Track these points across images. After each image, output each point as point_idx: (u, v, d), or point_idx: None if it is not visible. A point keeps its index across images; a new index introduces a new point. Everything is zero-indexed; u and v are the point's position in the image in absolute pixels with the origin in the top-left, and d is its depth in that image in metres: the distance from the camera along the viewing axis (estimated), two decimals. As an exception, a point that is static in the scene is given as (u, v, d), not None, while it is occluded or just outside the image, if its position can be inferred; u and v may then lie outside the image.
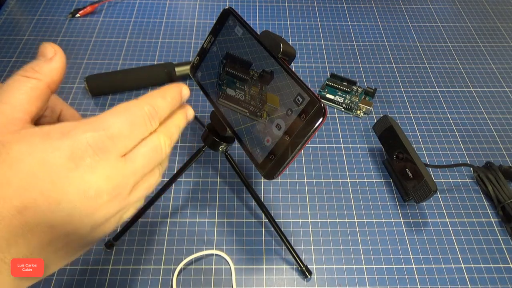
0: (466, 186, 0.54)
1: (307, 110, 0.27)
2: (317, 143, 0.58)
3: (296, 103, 0.28)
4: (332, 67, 0.69)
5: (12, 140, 0.21)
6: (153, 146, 0.25)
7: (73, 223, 0.22)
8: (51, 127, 0.22)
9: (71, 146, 0.21)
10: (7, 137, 0.21)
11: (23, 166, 0.20)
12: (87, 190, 0.21)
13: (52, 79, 0.24)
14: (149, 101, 0.25)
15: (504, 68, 0.70)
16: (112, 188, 0.23)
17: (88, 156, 0.21)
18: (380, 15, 0.79)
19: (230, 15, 0.33)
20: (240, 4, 0.80)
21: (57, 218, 0.21)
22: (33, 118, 0.23)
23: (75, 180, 0.21)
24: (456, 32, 0.77)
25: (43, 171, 0.21)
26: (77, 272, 0.44)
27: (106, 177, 0.22)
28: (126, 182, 0.23)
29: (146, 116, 0.24)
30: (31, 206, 0.20)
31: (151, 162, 0.25)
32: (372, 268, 0.46)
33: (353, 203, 0.51)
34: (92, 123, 0.22)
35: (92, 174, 0.22)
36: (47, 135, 0.21)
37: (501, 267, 0.46)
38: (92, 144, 0.22)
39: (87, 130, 0.22)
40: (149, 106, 0.24)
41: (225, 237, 0.48)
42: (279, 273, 0.45)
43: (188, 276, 0.45)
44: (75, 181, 0.21)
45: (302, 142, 0.27)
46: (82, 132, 0.22)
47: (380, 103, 0.63)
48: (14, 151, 0.20)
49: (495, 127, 0.61)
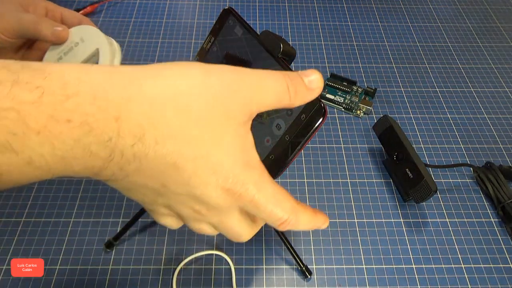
0: (466, 186, 0.54)
1: (307, 110, 0.27)
2: (317, 143, 0.58)
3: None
4: (332, 67, 0.69)
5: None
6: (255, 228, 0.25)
7: (173, 186, 0.21)
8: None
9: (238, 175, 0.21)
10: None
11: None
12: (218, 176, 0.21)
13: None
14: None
15: (504, 68, 0.70)
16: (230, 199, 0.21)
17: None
18: (380, 15, 0.79)
19: (230, 15, 0.33)
20: (240, 4, 0.80)
21: (173, 175, 0.20)
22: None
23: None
24: (456, 32, 0.77)
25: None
26: (77, 272, 0.44)
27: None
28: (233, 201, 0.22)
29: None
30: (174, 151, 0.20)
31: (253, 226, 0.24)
32: (372, 268, 0.46)
33: (353, 203, 0.51)
34: (277, 200, 0.22)
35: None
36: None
37: (501, 267, 0.46)
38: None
39: (269, 198, 0.22)
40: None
41: (225, 237, 0.48)
42: (279, 273, 0.45)
43: (188, 276, 0.45)
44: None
45: (302, 142, 0.27)
46: (263, 187, 0.22)
47: (380, 103, 0.63)
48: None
49: (495, 127, 0.61)
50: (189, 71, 0.20)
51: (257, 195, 0.21)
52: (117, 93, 0.18)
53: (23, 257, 0.45)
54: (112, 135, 0.18)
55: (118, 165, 0.19)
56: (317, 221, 0.25)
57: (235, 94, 0.21)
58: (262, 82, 0.22)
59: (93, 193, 0.51)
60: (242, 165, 0.21)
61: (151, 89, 0.19)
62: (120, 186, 0.21)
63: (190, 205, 0.22)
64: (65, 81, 0.17)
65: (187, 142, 0.20)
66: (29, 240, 0.47)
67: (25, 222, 0.48)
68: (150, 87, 0.19)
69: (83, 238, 0.47)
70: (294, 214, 0.23)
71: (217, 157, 0.20)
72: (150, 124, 0.19)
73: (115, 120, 0.18)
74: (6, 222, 0.48)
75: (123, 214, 0.49)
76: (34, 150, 0.17)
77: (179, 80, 0.20)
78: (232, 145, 0.21)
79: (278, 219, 0.22)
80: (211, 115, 0.20)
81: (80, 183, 0.52)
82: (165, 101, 0.19)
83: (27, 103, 0.16)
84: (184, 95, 0.20)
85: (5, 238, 0.47)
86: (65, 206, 0.50)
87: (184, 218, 0.23)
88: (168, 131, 0.19)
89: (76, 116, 0.17)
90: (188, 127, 0.20)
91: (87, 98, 0.17)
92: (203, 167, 0.20)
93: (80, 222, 0.49)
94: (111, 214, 0.49)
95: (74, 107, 0.17)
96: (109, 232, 0.48)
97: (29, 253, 0.46)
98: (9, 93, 0.16)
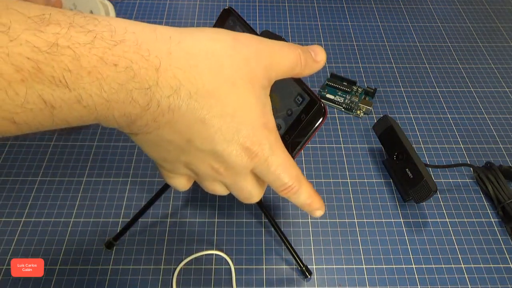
0: (466, 186, 0.54)
1: (307, 110, 0.27)
2: (317, 143, 0.58)
3: (296, 103, 0.28)
4: (332, 67, 0.69)
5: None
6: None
7: (200, 144, 0.22)
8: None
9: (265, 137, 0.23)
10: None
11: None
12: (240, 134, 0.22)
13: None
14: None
15: (504, 68, 0.70)
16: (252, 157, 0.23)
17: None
18: (380, 15, 0.79)
19: (230, 15, 0.33)
20: (240, 4, 0.80)
21: (202, 128, 0.22)
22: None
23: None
24: (456, 32, 0.77)
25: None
26: (77, 272, 0.44)
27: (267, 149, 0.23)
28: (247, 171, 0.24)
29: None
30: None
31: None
32: (372, 268, 0.46)
33: (353, 203, 0.51)
34: (288, 166, 0.24)
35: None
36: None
37: (501, 267, 0.46)
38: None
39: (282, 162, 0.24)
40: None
41: (225, 237, 0.48)
42: (279, 273, 0.45)
43: (188, 276, 0.45)
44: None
45: (302, 142, 0.27)
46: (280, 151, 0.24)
47: (380, 103, 0.63)
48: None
49: (495, 127, 0.61)
50: (221, 35, 0.22)
51: (271, 157, 0.23)
52: (158, 45, 0.20)
53: (23, 257, 0.45)
54: (152, 84, 0.19)
55: (153, 115, 0.20)
56: (315, 201, 0.26)
57: (259, 59, 0.23)
58: (281, 50, 0.24)
59: (93, 193, 0.51)
60: (261, 126, 0.23)
61: (189, 47, 0.21)
62: (148, 139, 0.22)
63: (210, 162, 0.23)
64: (113, 29, 0.19)
65: (217, 99, 0.21)
66: (29, 240, 0.47)
67: (25, 222, 0.48)
68: (188, 44, 0.21)
69: (83, 238, 0.47)
70: (298, 183, 0.24)
71: (242, 116, 0.22)
72: (186, 78, 0.20)
73: (155, 69, 0.19)
74: (6, 222, 0.48)
75: (123, 214, 0.49)
76: (85, 89, 0.18)
77: (213, 41, 0.22)
78: (254, 107, 0.22)
79: (284, 184, 0.24)
80: (239, 76, 0.22)
81: (81, 183, 0.52)
82: (201, 59, 0.21)
83: (81, 44, 0.18)
84: (217, 55, 0.21)
85: (5, 238, 0.47)
86: (65, 206, 0.50)
87: (201, 176, 0.24)
88: (202, 87, 0.21)
89: (122, 62, 0.18)
90: (219, 85, 0.21)
91: (132, 46, 0.19)
92: (229, 124, 0.22)
93: (80, 222, 0.49)
94: (111, 214, 0.49)
95: (121, 53, 0.19)
96: (109, 232, 0.48)
97: (29, 253, 0.46)
98: (67, 33, 0.17)
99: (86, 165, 0.54)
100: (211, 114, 0.21)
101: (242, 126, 0.22)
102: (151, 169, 0.54)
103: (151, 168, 0.54)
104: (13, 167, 0.53)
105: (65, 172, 0.53)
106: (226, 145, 0.22)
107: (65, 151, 0.55)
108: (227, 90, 0.21)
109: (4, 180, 0.52)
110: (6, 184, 0.52)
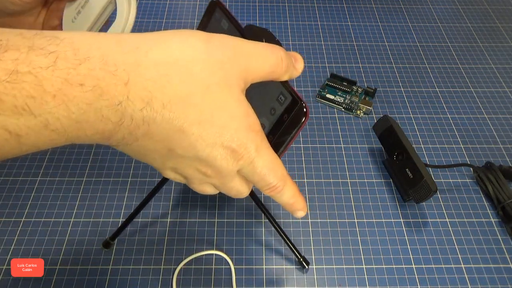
0: (466, 186, 0.54)
1: (289, 110, 0.26)
2: (317, 143, 0.58)
3: (279, 102, 0.27)
4: (332, 67, 0.69)
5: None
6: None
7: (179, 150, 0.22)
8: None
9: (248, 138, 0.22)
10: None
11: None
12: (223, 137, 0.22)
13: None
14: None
15: (504, 68, 0.70)
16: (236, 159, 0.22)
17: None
18: (380, 15, 0.79)
19: (216, 8, 0.32)
20: (240, 4, 0.80)
21: (181, 138, 0.21)
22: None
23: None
24: (456, 32, 0.77)
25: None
26: (77, 272, 0.44)
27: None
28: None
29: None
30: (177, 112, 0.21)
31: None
32: (372, 268, 0.46)
33: (353, 203, 0.51)
34: (274, 164, 0.24)
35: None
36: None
37: (501, 267, 0.46)
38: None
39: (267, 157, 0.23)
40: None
41: (225, 237, 0.48)
42: (279, 273, 0.45)
43: (188, 276, 0.45)
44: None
45: (286, 142, 0.27)
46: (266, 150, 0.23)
47: (380, 103, 0.63)
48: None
49: (495, 127, 0.61)
50: (192, 38, 0.21)
51: (256, 159, 0.23)
52: (126, 58, 0.19)
53: (23, 257, 0.45)
54: (122, 99, 0.19)
55: (128, 129, 0.20)
56: (298, 201, 0.26)
57: (235, 62, 0.22)
58: (260, 53, 0.23)
59: (93, 193, 0.51)
60: (245, 128, 0.22)
61: (158, 55, 0.20)
62: (130, 150, 0.22)
63: (196, 167, 0.23)
64: (77, 47, 0.18)
65: (192, 106, 0.21)
66: (29, 240, 0.47)
67: (25, 222, 0.48)
68: (157, 53, 0.20)
69: (83, 238, 0.47)
70: (283, 183, 0.24)
71: (222, 120, 0.21)
72: (157, 89, 0.20)
73: (124, 84, 0.19)
74: (6, 222, 0.48)
75: (123, 214, 0.49)
76: (51, 113, 0.17)
77: (183, 47, 0.21)
78: (236, 109, 0.22)
79: (268, 184, 0.24)
80: (214, 81, 0.21)
81: (81, 183, 0.52)
82: (171, 67, 0.20)
83: (43, 67, 0.17)
84: (188, 61, 0.21)
85: (5, 238, 0.47)
86: (65, 206, 0.50)
87: (189, 179, 0.24)
88: (174, 96, 0.20)
89: (88, 80, 0.18)
90: (192, 91, 0.21)
91: (98, 63, 0.18)
92: (209, 130, 0.21)
93: (80, 222, 0.49)
94: (111, 214, 0.49)
95: (86, 71, 0.18)
96: (108, 232, 0.48)
97: (29, 253, 0.46)
98: (26, 58, 0.17)
99: (86, 165, 0.54)
100: (189, 122, 0.21)
101: (224, 130, 0.21)
102: (151, 169, 0.54)
103: (151, 168, 0.54)
104: (13, 167, 0.53)
105: (65, 172, 0.53)
106: (209, 150, 0.22)
107: (65, 151, 0.55)
108: (201, 95, 0.21)
109: (4, 180, 0.52)
110: (6, 184, 0.52)
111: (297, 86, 0.65)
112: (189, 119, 0.21)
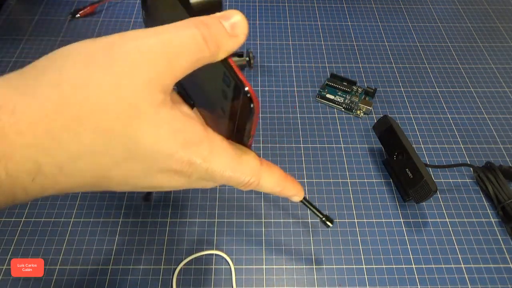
0: (466, 186, 0.54)
1: (237, 94, 0.21)
2: (317, 143, 0.58)
3: (226, 84, 0.22)
4: (332, 67, 0.69)
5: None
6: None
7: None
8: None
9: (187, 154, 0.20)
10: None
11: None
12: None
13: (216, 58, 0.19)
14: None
15: (504, 68, 0.70)
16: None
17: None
18: (380, 15, 0.79)
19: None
20: (240, 4, 0.80)
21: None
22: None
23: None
24: (456, 32, 0.77)
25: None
26: (77, 272, 0.44)
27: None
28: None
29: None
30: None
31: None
32: (372, 268, 0.46)
33: (353, 203, 0.51)
34: (232, 158, 0.21)
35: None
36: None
37: (501, 267, 0.46)
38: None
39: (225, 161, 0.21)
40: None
41: (225, 237, 0.48)
42: (279, 273, 0.45)
43: (188, 276, 0.45)
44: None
45: (247, 129, 0.23)
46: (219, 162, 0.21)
47: (380, 103, 0.63)
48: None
49: (495, 127, 0.61)
50: (68, 72, 0.16)
51: (210, 167, 0.20)
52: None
53: (23, 257, 0.45)
54: (2, 178, 0.15)
55: (35, 194, 0.17)
56: (286, 188, 0.24)
57: (136, 77, 0.17)
58: (168, 42, 0.18)
59: (93, 193, 0.51)
60: (181, 147, 0.19)
61: (29, 111, 0.15)
62: (68, 188, 0.18)
63: (158, 186, 0.21)
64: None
65: (98, 153, 0.17)
66: (29, 240, 0.47)
67: (25, 222, 0.48)
68: (27, 108, 0.15)
69: (83, 238, 0.47)
70: (256, 177, 0.22)
71: (147, 149, 0.18)
72: (42, 154, 0.16)
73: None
74: (6, 222, 0.48)
75: (123, 214, 0.49)
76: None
77: (60, 85, 0.16)
78: (158, 133, 0.18)
79: (238, 182, 0.22)
80: (113, 117, 0.17)
81: (80, 183, 0.52)
82: (52, 120, 0.16)
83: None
84: (72, 104, 0.16)
85: (5, 238, 0.47)
86: (65, 206, 0.50)
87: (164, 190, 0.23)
88: (68, 154, 0.16)
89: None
90: (91, 141, 0.17)
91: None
92: (135, 166, 0.18)
93: (80, 222, 0.49)
94: (111, 214, 0.49)
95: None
96: (109, 232, 0.48)
97: (29, 253, 0.46)
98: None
99: (86, 165, 0.54)
100: (105, 170, 0.18)
101: (153, 158, 0.18)
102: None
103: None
104: (13, 167, 0.53)
105: (65, 172, 0.53)
106: (150, 181, 0.19)
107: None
108: (104, 140, 0.17)
109: (4, 180, 0.52)
110: (6, 184, 0.52)
111: (297, 86, 0.65)
112: (104, 167, 0.17)
